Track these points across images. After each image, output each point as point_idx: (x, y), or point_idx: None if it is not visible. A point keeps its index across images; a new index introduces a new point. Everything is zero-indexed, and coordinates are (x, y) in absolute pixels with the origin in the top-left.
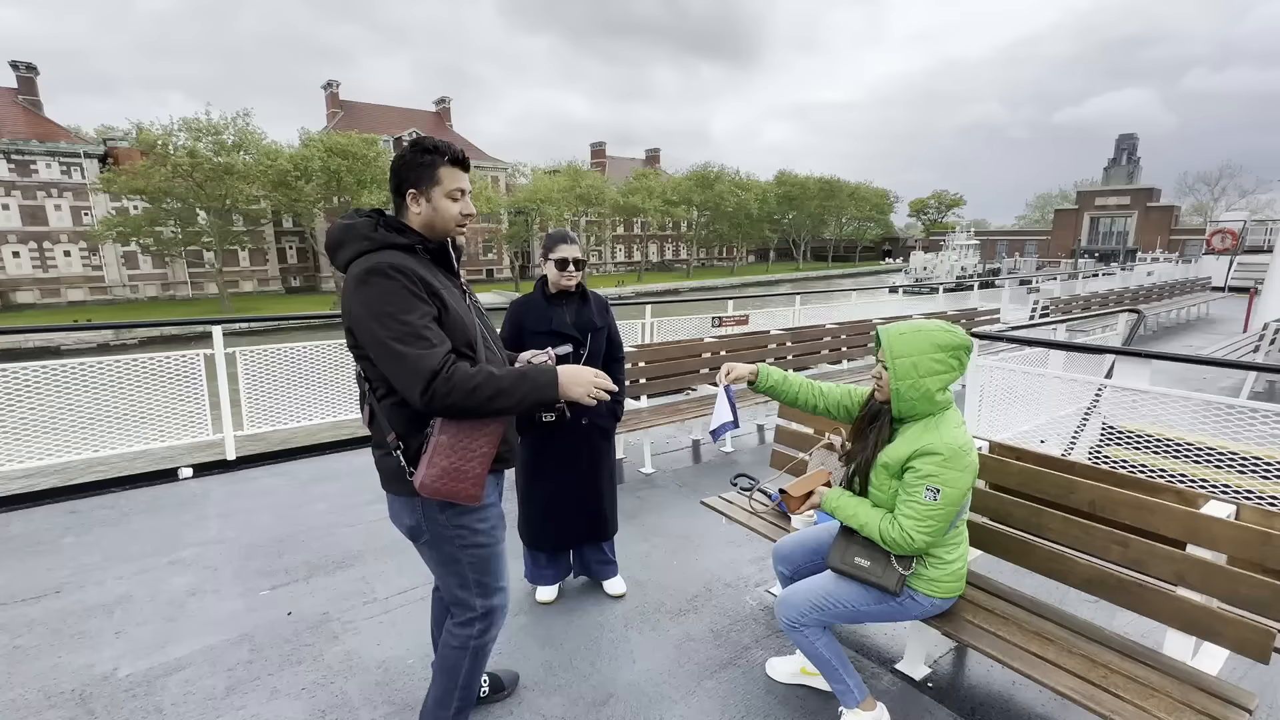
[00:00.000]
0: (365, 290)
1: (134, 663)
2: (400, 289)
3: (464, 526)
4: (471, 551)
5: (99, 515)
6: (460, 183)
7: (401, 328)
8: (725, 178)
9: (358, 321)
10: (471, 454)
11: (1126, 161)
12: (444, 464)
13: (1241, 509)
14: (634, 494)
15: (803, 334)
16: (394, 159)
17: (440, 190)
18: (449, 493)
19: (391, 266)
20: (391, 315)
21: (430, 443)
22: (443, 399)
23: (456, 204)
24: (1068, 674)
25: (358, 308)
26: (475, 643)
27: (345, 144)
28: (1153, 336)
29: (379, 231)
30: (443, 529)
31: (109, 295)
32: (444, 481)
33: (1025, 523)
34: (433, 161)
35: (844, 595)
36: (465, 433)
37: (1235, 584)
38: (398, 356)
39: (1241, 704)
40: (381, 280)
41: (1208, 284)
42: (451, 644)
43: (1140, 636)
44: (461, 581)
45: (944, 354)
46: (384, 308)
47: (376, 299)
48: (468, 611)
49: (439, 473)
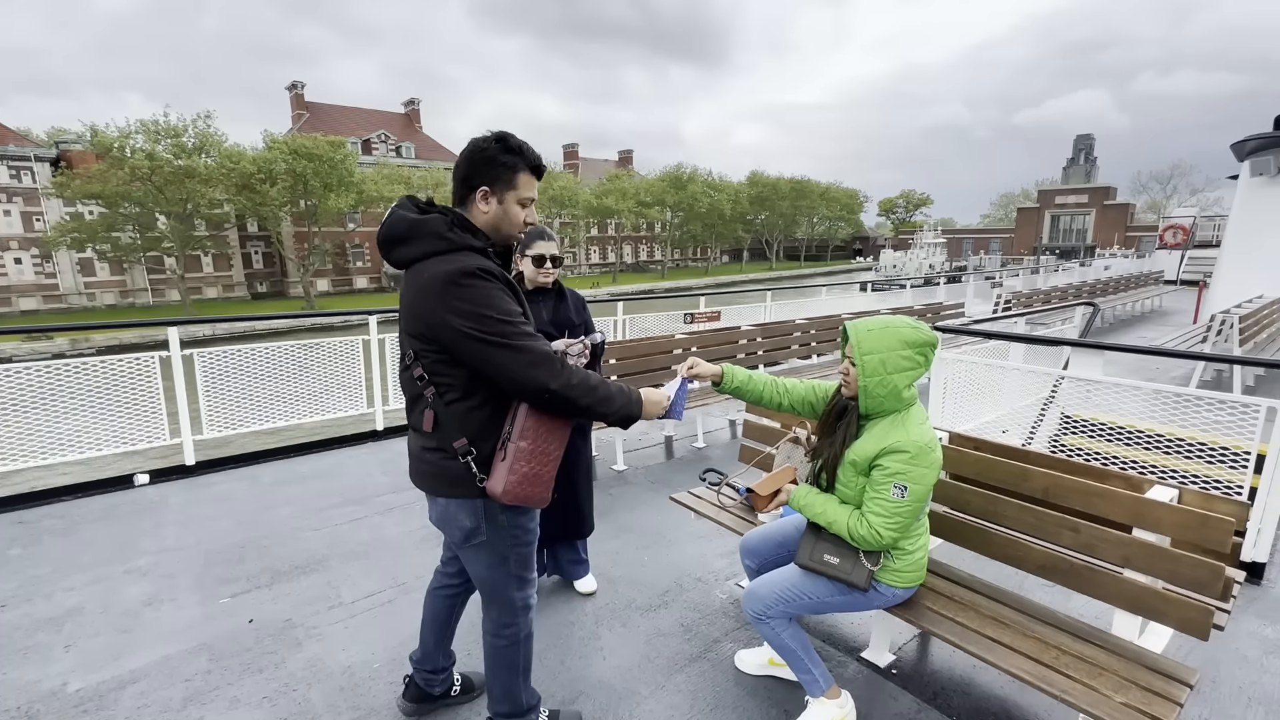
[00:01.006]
0: (463, 292)
1: (85, 676)
2: (497, 290)
3: (519, 526)
4: (519, 550)
5: (48, 525)
6: (533, 192)
7: (511, 328)
8: (698, 178)
9: (451, 325)
10: (548, 458)
11: (1084, 161)
12: (525, 470)
13: (1183, 493)
14: (606, 491)
15: (773, 329)
16: (472, 148)
17: (515, 195)
18: (526, 497)
19: (482, 269)
20: (496, 319)
21: (510, 449)
22: (572, 389)
23: (524, 211)
24: (1022, 656)
25: (455, 311)
26: (525, 632)
27: (311, 146)
28: (1109, 329)
29: (455, 232)
30: (502, 529)
31: (64, 304)
32: (524, 487)
33: (983, 511)
34: (515, 164)
35: (809, 588)
36: (543, 438)
37: (1177, 565)
38: (517, 351)
39: (1183, 679)
40: (480, 283)
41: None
42: (500, 643)
43: (1094, 618)
44: (505, 578)
45: (911, 350)
46: (488, 311)
47: (480, 302)
48: (509, 606)
49: (520, 479)
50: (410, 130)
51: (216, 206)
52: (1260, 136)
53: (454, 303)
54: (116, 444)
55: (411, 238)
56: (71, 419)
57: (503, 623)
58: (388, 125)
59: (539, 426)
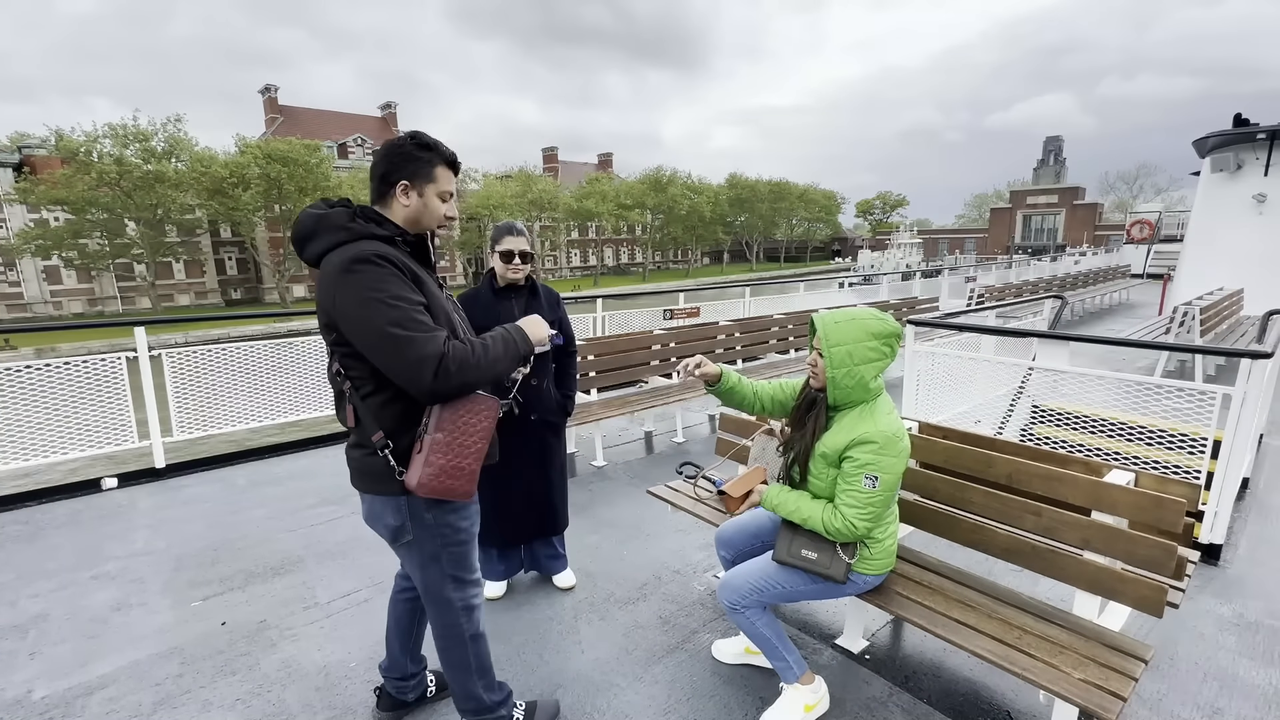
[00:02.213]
0: (353, 278)
1: (51, 684)
2: (390, 275)
3: (448, 524)
4: (452, 549)
5: (11, 531)
6: (451, 185)
7: (399, 314)
8: (678, 181)
9: (345, 313)
10: (468, 450)
11: (1054, 162)
12: (441, 462)
13: (1140, 476)
14: (585, 487)
15: (751, 324)
16: (389, 146)
17: (434, 189)
18: (445, 490)
19: (377, 254)
20: (386, 302)
21: (425, 441)
22: (452, 378)
23: (444, 205)
24: (987, 638)
25: (345, 298)
26: (471, 632)
27: (285, 150)
28: (1078, 321)
29: (356, 222)
30: (429, 528)
31: (29, 312)
32: (441, 479)
33: (950, 497)
34: (431, 159)
35: (783, 577)
36: (461, 429)
37: (1134, 546)
38: (401, 342)
39: (1139, 655)
40: (370, 268)
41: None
42: (445, 644)
43: (1058, 601)
44: (440, 578)
45: (878, 341)
46: (377, 295)
47: (369, 286)
48: (448, 607)
49: (436, 471)
50: (387, 134)
51: (188, 212)
52: (1220, 134)
53: (345, 289)
54: (83, 447)
55: (317, 231)
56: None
57: (444, 623)
58: (364, 129)
59: (455, 417)
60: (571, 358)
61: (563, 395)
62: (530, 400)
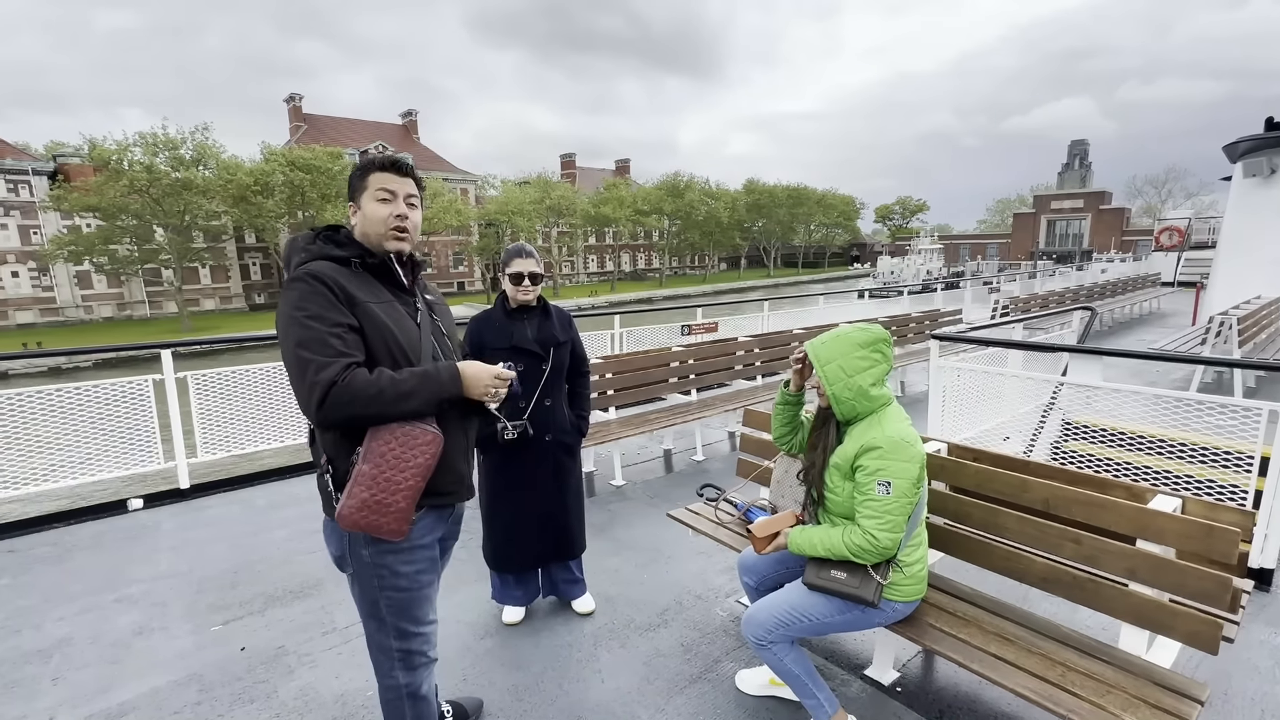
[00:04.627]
0: (283, 296)
1: (72, 711)
2: (315, 294)
3: (385, 566)
4: (390, 595)
5: (40, 552)
6: (388, 183)
7: (308, 334)
8: (695, 187)
9: (277, 330)
10: (395, 487)
11: (1079, 166)
12: (364, 495)
13: (1187, 502)
14: (605, 507)
15: (771, 340)
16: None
17: (368, 194)
18: (369, 526)
19: (310, 274)
20: (301, 322)
21: (354, 471)
22: (343, 409)
23: (386, 205)
24: (1027, 674)
25: (277, 316)
26: (407, 690)
27: (308, 157)
28: (1108, 332)
29: (316, 244)
30: (366, 565)
31: (61, 316)
32: (363, 514)
33: (983, 523)
34: (364, 170)
35: (809, 608)
36: (389, 465)
37: (1183, 577)
38: (300, 364)
39: (1193, 695)
40: (300, 286)
41: (1158, 280)
42: (386, 695)
43: (1100, 631)
44: (379, 624)
45: (865, 350)
46: (296, 314)
47: (293, 304)
48: (385, 654)
49: (358, 504)
50: (408, 141)
51: (214, 218)
52: (1252, 138)
53: (279, 307)
54: (111, 469)
55: (289, 256)
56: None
57: (381, 671)
58: (385, 136)
59: (383, 450)
60: (585, 378)
61: (577, 415)
62: (544, 421)
